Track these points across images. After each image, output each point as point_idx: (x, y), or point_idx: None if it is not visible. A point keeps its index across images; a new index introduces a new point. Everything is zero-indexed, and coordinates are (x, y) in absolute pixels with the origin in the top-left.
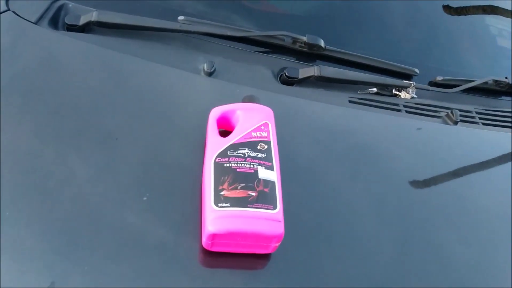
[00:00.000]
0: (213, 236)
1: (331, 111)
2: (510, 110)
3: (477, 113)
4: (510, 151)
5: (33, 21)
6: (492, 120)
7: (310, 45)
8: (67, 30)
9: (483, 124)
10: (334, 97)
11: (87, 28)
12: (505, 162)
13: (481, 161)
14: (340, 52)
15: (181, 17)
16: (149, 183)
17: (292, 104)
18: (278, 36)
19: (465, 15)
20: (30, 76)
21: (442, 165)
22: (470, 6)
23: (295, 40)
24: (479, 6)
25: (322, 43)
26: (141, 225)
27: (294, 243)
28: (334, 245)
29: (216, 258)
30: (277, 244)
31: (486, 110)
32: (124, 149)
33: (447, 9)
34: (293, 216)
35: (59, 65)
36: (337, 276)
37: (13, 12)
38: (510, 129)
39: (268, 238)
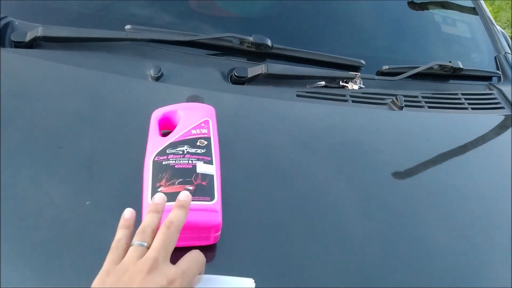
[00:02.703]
0: None
1: (279, 106)
2: (455, 92)
3: (423, 97)
4: (456, 131)
5: None
6: (437, 103)
7: (257, 45)
8: (15, 47)
9: (429, 107)
10: (282, 93)
11: (34, 44)
12: (451, 142)
13: (428, 143)
14: (287, 50)
15: (128, 26)
16: (93, 187)
17: (240, 101)
18: (225, 38)
19: (428, 10)
20: None
21: (387, 150)
22: (432, 1)
23: (242, 41)
24: (439, 2)
25: (269, 42)
26: (83, 226)
27: (238, 235)
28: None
29: None
30: (218, 234)
31: (432, 94)
32: (68, 156)
33: (412, 5)
34: (248, 208)
35: (6, 80)
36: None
37: None
38: (456, 110)
39: (206, 229)
